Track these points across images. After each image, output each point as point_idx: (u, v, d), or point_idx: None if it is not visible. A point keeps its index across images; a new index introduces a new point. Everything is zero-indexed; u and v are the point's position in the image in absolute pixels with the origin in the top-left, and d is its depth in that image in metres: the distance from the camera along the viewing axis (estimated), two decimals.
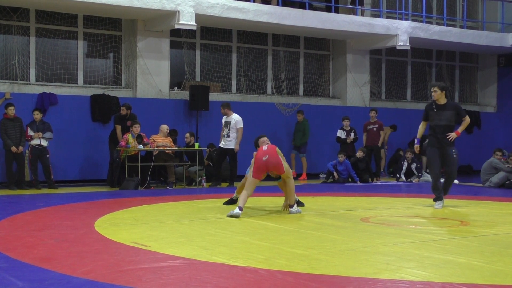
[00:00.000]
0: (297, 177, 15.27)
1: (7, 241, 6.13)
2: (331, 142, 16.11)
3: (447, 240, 6.40)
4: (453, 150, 9.52)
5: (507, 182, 13.55)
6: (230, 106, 13.37)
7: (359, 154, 15.08)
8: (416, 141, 10.24)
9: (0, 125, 12.20)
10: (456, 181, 15.28)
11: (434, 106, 9.55)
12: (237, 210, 7.98)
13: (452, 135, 9.44)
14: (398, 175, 15.67)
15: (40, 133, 12.41)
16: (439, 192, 9.65)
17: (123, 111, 13.16)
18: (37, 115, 12.50)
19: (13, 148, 12.11)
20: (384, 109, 17.90)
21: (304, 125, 15.70)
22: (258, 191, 11.26)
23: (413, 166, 15.54)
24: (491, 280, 4.59)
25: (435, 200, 9.69)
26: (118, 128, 13.07)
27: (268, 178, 8.97)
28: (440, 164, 9.71)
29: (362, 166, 15.00)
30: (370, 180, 15.09)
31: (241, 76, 16.59)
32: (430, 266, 5.04)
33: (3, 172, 12.74)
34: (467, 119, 9.62)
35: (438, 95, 9.49)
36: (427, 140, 17.33)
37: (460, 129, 9.60)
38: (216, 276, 4.65)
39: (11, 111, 12.23)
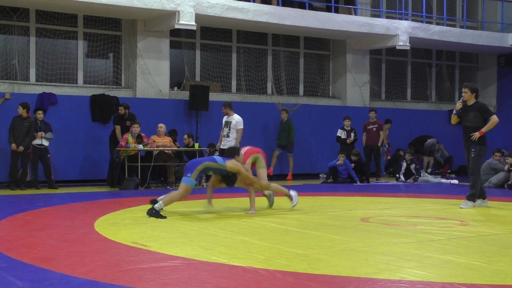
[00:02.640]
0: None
1: (7, 241, 6.13)
2: (331, 142, 16.10)
3: (447, 240, 6.39)
4: (473, 150, 9.48)
5: (508, 183, 13.53)
6: (231, 106, 13.33)
7: (352, 158, 15.01)
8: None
9: (12, 122, 12.26)
10: (455, 181, 15.33)
11: (463, 107, 9.58)
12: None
13: (475, 135, 9.41)
14: (397, 175, 15.66)
15: (43, 133, 12.45)
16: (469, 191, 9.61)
17: (121, 110, 13.17)
18: (40, 115, 12.54)
19: (13, 146, 12.13)
20: (384, 109, 17.89)
21: (289, 124, 15.62)
22: (258, 191, 11.23)
23: (412, 166, 15.53)
24: (491, 280, 4.59)
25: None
26: (118, 128, 13.08)
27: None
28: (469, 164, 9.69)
29: (356, 167, 14.97)
30: (364, 181, 14.97)
31: (241, 76, 16.59)
32: (430, 266, 5.04)
33: (6, 171, 12.69)
34: (493, 119, 9.45)
35: (468, 96, 9.51)
36: (428, 140, 17.49)
37: (484, 129, 9.43)
38: (216, 276, 4.65)
39: (19, 109, 12.27)
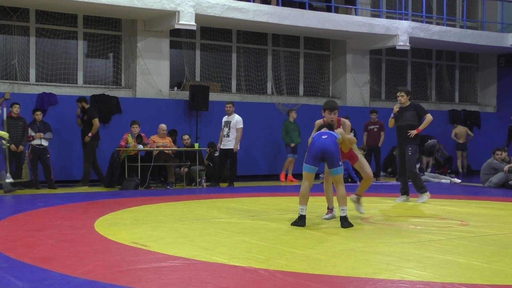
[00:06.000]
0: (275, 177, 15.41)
1: (7, 241, 6.12)
2: None
3: (447, 240, 6.39)
4: (409, 148, 10.13)
5: (509, 182, 13.52)
6: (234, 106, 13.46)
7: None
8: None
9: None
10: (457, 181, 15.30)
11: (399, 110, 10.31)
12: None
13: (412, 132, 10.07)
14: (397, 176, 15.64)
15: (41, 134, 12.47)
16: (401, 188, 10.44)
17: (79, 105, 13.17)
18: (39, 115, 12.55)
19: (13, 147, 12.12)
20: (384, 109, 17.86)
21: (298, 125, 15.24)
22: (258, 191, 11.27)
23: None
24: (491, 280, 4.59)
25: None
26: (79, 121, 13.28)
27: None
28: (403, 162, 10.34)
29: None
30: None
31: (241, 76, 16.58)
32: (430, 266, 5.04)
33: None
34: (428, 117, 10.13)
35: (404, 99, 10.28)
36: (429, 141, 17.48)
37: (421, 126, 10.15)
38: (216, 276, 4.65)
39: (16, 109, 12.25)
